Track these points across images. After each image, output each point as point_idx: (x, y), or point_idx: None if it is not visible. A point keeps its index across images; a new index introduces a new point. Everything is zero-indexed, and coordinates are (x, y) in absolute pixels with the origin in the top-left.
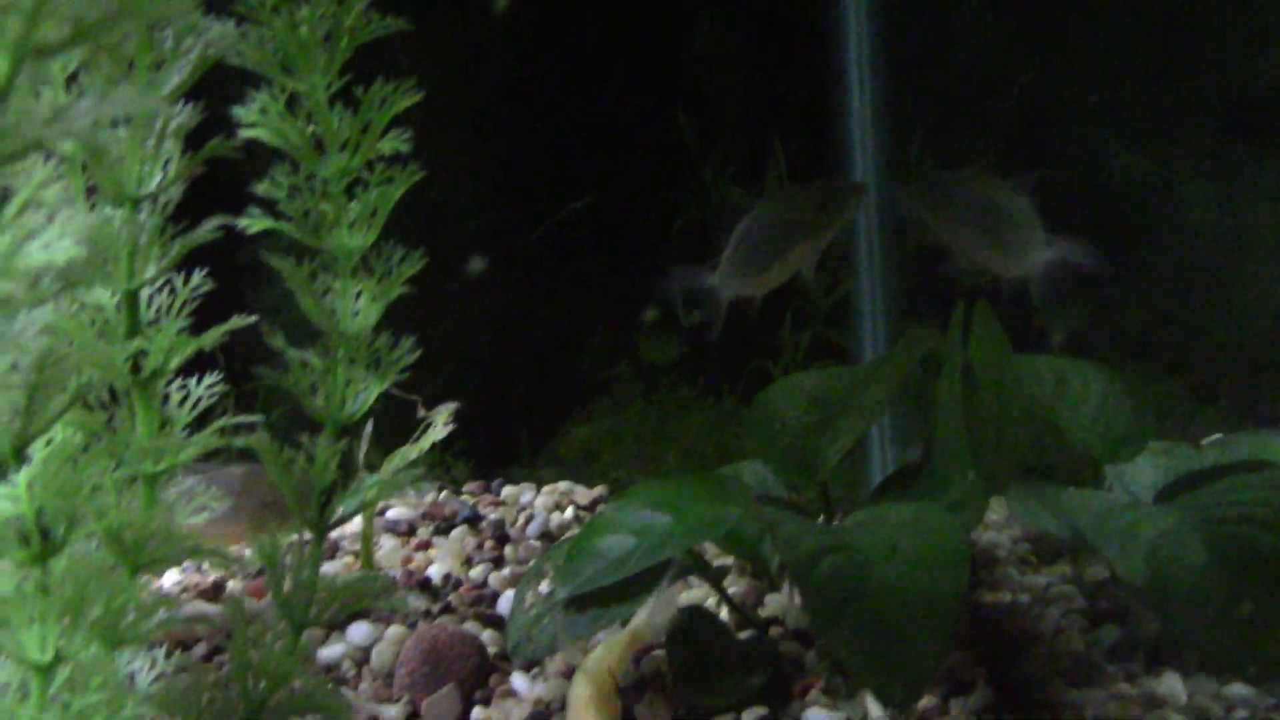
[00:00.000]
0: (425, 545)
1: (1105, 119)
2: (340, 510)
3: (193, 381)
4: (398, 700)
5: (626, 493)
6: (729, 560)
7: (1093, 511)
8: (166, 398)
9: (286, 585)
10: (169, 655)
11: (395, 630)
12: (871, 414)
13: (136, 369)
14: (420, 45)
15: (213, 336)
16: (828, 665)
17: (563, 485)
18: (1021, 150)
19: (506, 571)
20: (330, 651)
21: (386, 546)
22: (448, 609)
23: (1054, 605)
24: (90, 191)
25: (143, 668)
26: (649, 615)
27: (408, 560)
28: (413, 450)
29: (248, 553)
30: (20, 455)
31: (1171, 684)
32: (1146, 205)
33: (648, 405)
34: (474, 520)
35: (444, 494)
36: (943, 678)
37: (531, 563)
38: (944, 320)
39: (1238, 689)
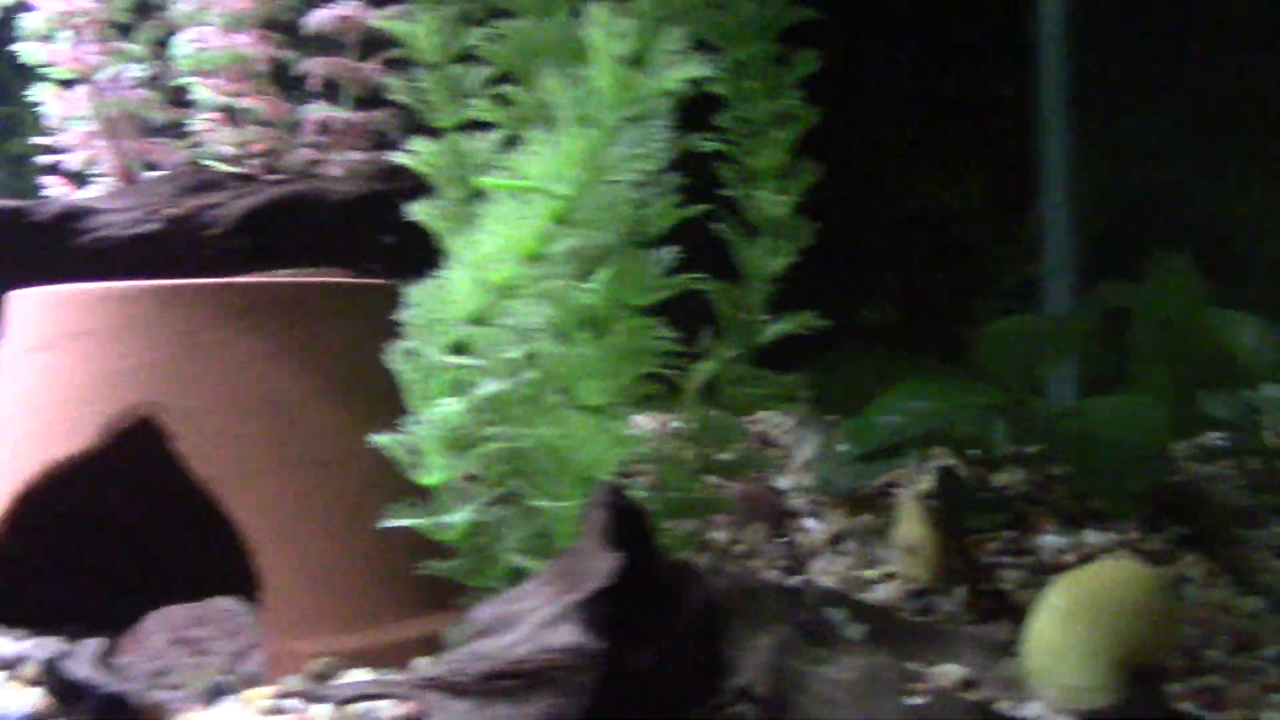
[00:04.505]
0: None
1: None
2: None
3: None
4: None
5: (896, 387)
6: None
7: (1260, 398)
8: None
9: None
10: None
11: None
12: (1073, 344)
13: None
14: None
15: None
16: (1051, 513)
17: None
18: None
19: None
20: None
21: None
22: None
23: (1222, 482)
24: None
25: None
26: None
27: None
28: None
29: None
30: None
31: None
32: None
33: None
34: None
35: None
36: (1142, 520)
37: None
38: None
39: None
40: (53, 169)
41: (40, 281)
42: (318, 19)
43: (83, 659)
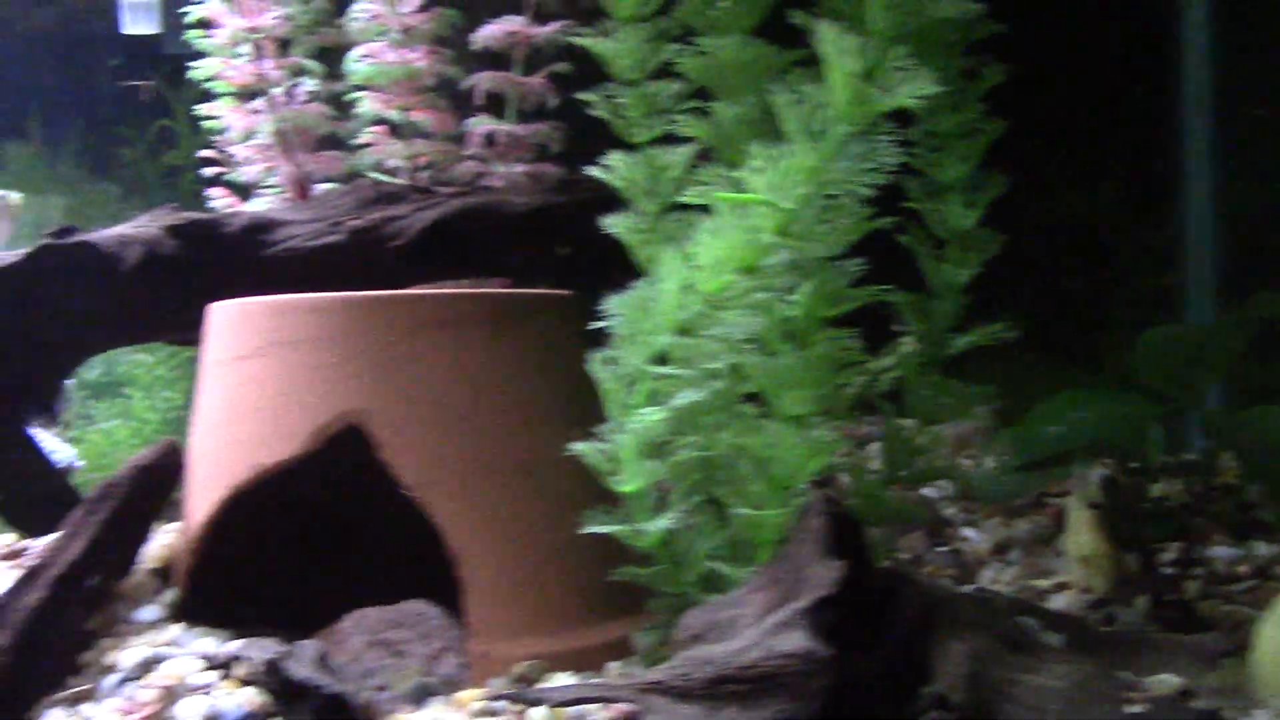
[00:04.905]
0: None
1: None
2: None
3: None
4: None
5: (1055, 397)
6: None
7: None
8: None
9: None
10: None
11: None
12: (1235, 350)
13: None
14: None
15: None
16: (1216, 523)
17: None
18: None
19: None
20: None
21: None
22: None
23: None
24: None
25: None
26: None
27: None
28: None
29: None
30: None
31: None
32: None
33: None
34: None
35: None
36: None
37: None
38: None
39: None
40: (216, 180)
41: (227, 290)
42: (486, 34)
43: (304, 659)
